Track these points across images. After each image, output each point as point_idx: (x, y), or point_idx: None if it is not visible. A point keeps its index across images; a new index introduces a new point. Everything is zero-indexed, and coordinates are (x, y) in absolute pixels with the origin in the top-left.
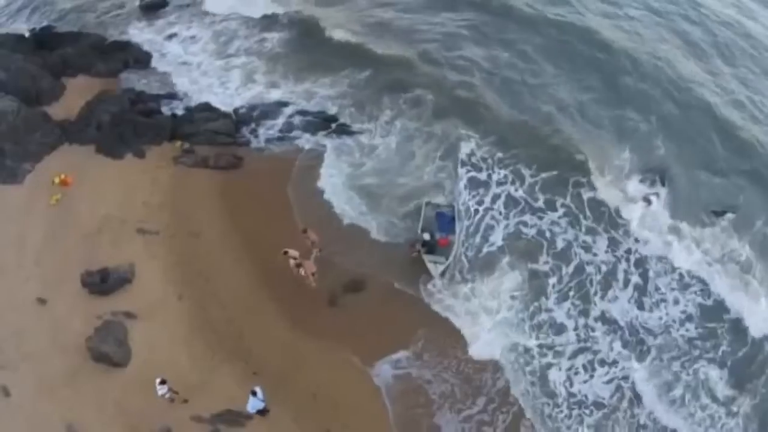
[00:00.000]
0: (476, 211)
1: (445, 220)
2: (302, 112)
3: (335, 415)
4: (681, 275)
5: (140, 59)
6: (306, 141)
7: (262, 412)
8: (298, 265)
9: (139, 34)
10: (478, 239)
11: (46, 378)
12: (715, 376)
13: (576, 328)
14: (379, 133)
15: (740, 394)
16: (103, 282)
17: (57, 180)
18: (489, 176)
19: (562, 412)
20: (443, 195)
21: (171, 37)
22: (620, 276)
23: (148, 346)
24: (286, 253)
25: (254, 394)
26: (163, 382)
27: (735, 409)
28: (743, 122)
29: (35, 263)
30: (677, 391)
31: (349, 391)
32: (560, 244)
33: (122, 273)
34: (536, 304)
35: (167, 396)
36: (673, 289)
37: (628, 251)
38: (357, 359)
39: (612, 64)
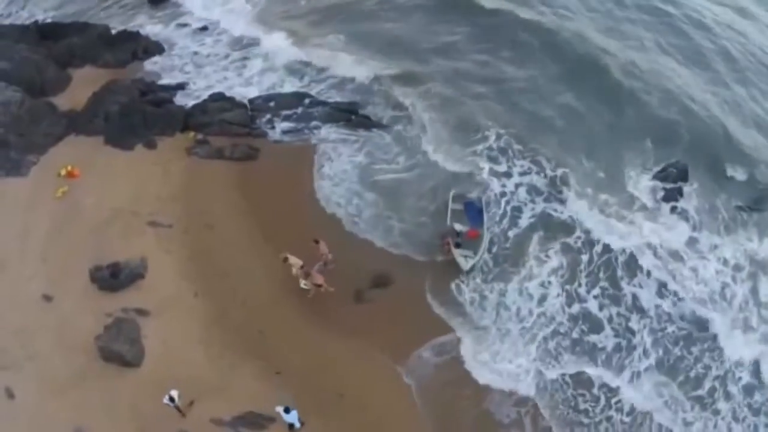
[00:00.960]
0: (502, 200)
1: (473, 212)
2: (321, 103)
3: (364, 416)
4: None
5: (150, 49)
6: (325, 132)
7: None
8: (306, 274)
9: (148, 23)
10: (505, 229)
11: (53, 379)
12: None
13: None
14: (401, 125)
15: None
16: (113, 277)
17: (63, 172)
18: (510, 168)
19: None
20: (469, 187)
21: (182, 26)
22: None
23: (162, 344)
24: (286, 260)
25: (287, 411)
26: (172, 399)
27: None
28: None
29: (41, 259)
30: None
31: (378, 390)
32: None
33: (134, 268)
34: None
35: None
36: None
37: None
38: (386, 357)
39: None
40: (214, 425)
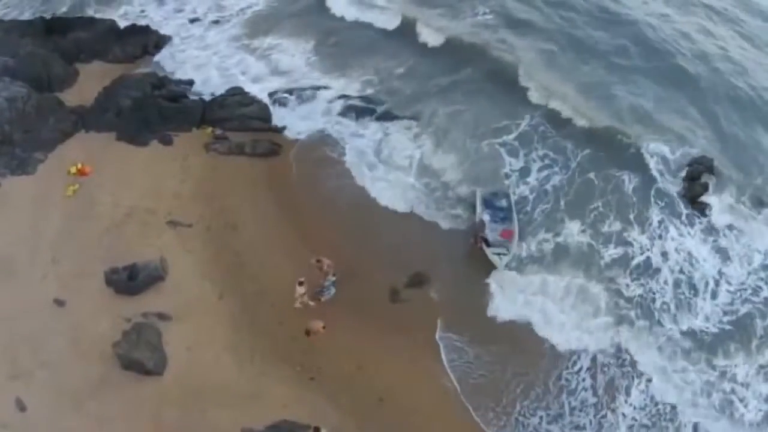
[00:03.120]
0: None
1: (503, 208)
2: (343, 97)
3: (406, 421)
4: None
5: (160, 44)
6: (348, 127)
7: None
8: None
9: (159, 17)
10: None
11: (68, 389)
12: None
13: None
14: (426, 120)
15: None
16: (130, 279)
17: (73, 169)
18: (535, 159)
19: None
20: (497, 182)
21: (194, 21)
22: None
23: (186, 351)
24: (301, 284)
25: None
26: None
27: None
28: None
29: (51, 261)
30: None
31: (420, 393)
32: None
33: (152, 269)
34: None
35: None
36: None
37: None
38: (426, 358)
39: None
40: None
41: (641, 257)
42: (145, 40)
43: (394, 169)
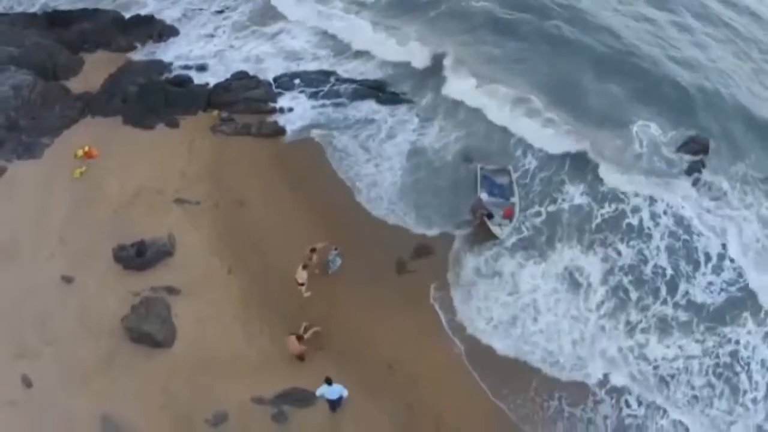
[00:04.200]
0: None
1: (503, 186)
2: (347, 81)
3: (416, 388)
4: None
5: (165, 33)
6: (352, 109)
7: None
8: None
9: (162, 7)
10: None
11: (76, 364)
12: None
13: None
14: (429, 100)
15: None
16: (139, 256)
17: (80, 152)
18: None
19: None
20: (497, 158)
21: (199, 11)
22: None
23: (195, 323)
24: (305, 267)
25: (329, 382)
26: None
27: None
28: None
29: (58, 240)
30: None
31: (428, 360)
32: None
33: (161, 245)
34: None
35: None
36: None
37: None
38: (434, 326)
39: None
40: (256, 404)
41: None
42: (150, 30)
43: (397, 149)
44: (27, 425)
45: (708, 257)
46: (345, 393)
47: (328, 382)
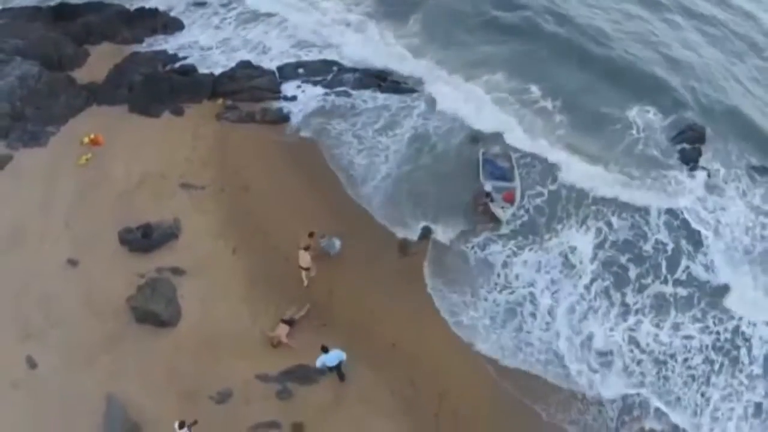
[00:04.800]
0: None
1: (504, 169)
2: (350, 70)
3: (418, 364)
4: None
5: (169, 25)
6: (355, 97)
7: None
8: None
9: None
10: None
11: (81, 345)
12: None
13: None
14: (431, 88)
15: None
16: (145, 238)
17: (86, 140)
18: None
19: None
20: (499, 144)
21: (202, 4)
22: None
23: (200, 303)
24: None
25: (325, 350)
26: (182, 426)
27: None
28: None
29: (64, 224)
30: None
31: (431, 339)
32: None
33: (166, 228)
34: None
35: None
36: None
37: None
38: (435, 306)
39: None
40: (261, 381)
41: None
42: (154, 23)
43: (399, 136)
44: (31, 406)
45: (699, 245)
46: (343, 356)
47: (325, 350)
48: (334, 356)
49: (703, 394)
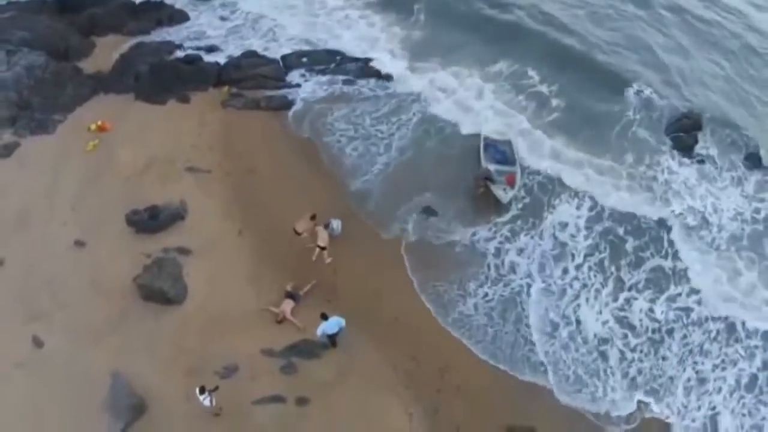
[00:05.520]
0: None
1: (505, 153)
2: (353, 60)
3: (421, 340)
4: None
5: (175, 17)
6: (357, 85)
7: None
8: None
9: None
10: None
11: (87, 324)
12: None
13: None
14: (431, 77)
15: None
16: (151, 219)
17: (93, 126)
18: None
19: None
20: (500, 129)
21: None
22: None
23: (206, 281)
24: (314, 217)
25: (325, 318)
26: (202, 391)
27: None
28: None
29: (71, 208)
30: None
31: (432, 316)
32: None
33: (173, 209)
34: None
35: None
36: None
37: None
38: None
39: None
40: (265, 356)
41: None
42: (160, 15)
43: (399, 122)
44: (35, 384)
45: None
46: (343, 323)
47: (324, 317)
48: (333, 323)
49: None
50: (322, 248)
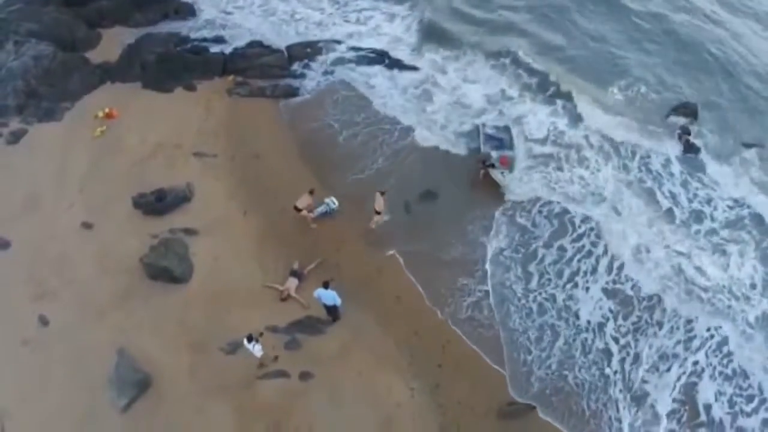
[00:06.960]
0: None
1: (503, 140)
2: (356, 49)
3: (421, 318)
4: None
5: (181, 9)
6: (359, 73)
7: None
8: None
9: None
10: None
11: (92, 303)
12: None
13: None
14: (430, 66)
15: None
16: (158, 201)
17: (101, 113)
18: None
19: None
20: (498, 116)
21: None
22: None
23: (212, 260)
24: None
25: (325, 285)
26: (250, 339)
27: None
28: None
29: (79, 191)
30: None
31: None
32: None
33: (179, 192)
34: None
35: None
36: None
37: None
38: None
39: None
40: (270, 332)
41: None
42: (166, 7)
43: (402, 108)
44: (41, 362)
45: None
46: (338, 301)
47: (325, 285)
48: (329, 295)
49: None
50: (378, 213)
